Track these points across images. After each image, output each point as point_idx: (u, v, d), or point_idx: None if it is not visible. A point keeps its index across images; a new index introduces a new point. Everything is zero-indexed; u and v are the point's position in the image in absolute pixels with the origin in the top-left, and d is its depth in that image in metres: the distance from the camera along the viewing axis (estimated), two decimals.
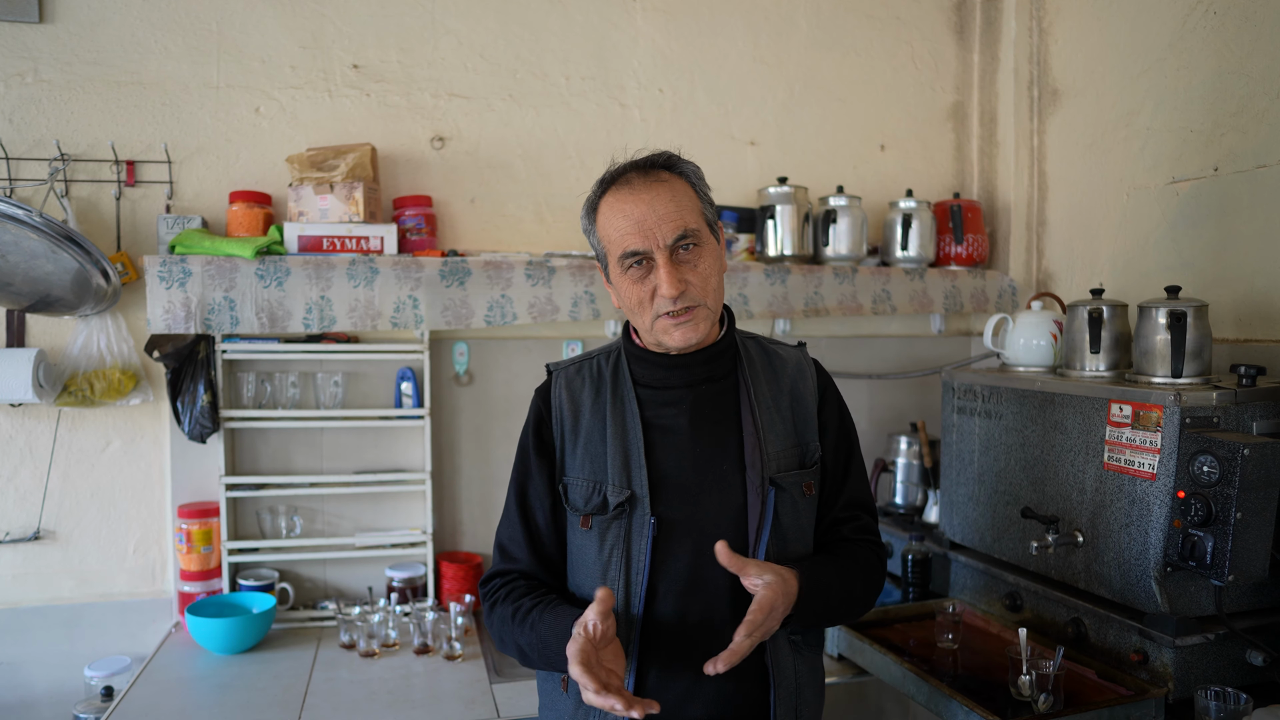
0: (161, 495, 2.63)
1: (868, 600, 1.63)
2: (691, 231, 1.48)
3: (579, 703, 1.55)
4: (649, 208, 1.47)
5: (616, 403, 1.59)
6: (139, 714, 2.05)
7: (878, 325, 3.19)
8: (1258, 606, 1.94)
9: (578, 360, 1.68)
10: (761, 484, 1.53)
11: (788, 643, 1.55)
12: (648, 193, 1.48)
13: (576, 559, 1.59)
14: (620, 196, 1.50)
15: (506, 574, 1.62)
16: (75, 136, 2.54)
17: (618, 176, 1.52)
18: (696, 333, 1.50)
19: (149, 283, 2.41)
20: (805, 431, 1.62)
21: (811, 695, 1.59)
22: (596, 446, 1.57)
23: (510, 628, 1.53)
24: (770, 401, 1.60)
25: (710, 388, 1.58)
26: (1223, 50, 2.36)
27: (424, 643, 2.42)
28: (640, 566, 1.50)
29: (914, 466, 2.95)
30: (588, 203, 1.57)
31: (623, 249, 1.48)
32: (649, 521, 1.51)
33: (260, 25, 2.66)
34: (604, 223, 1.52)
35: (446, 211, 2.82)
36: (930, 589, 2.62)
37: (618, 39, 2.94)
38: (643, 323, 1.53)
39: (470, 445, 2.82)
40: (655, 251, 1.46)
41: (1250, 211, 2.29)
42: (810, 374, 1.66)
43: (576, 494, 1.58)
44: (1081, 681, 1.98)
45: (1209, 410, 1.85)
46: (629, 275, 1.50)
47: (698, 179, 1.56)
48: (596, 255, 1.60)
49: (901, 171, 3.23)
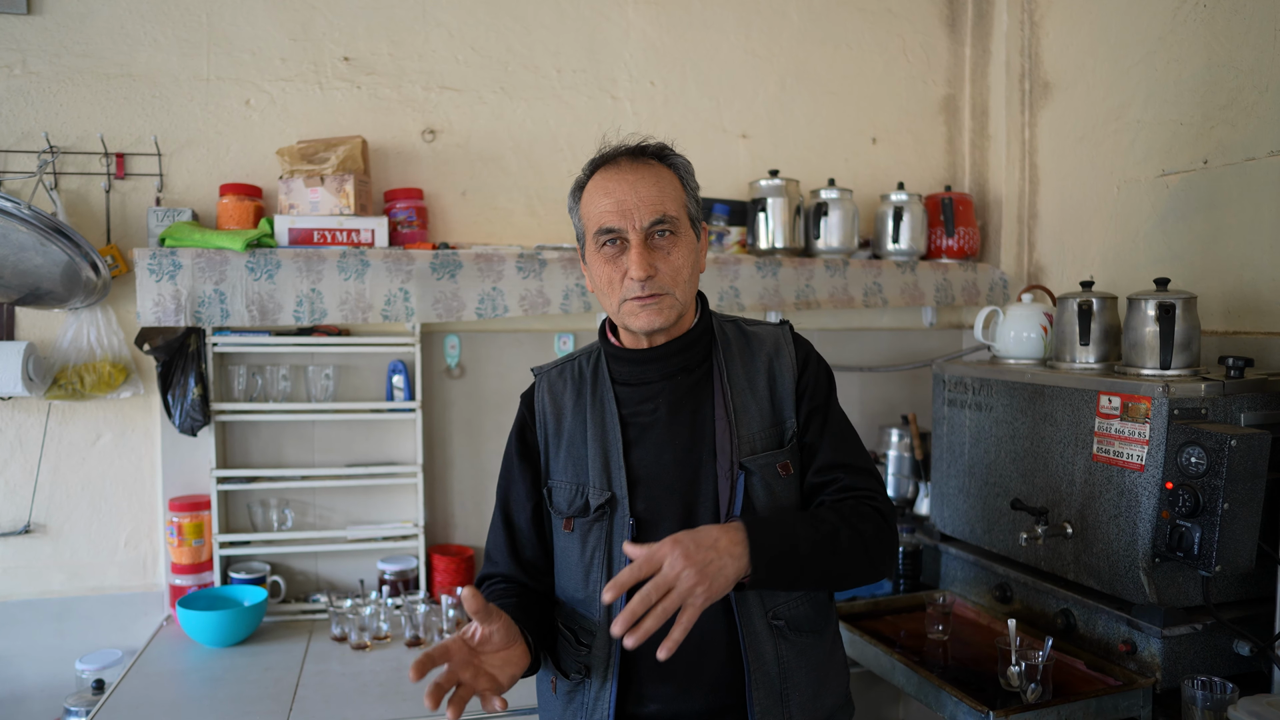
0: (152, 488, 2.63)
1: (865, 548, 1.46)
2: (669, 219, 1.49)
3: (567, 702, 1.56)
4: (631, 189, 1.48)
5: (596, 403, 1.59)
6: (130, 707, 2.05)
7: (869, 318, 3.20)
8: (1245, 597, 1.95)
9: (560, 362, 1.68)
10: (731, 469, 1.52)
11: (768, 627, 1.50)
12: (633, 174, 1.50)
13: (561, 561, 1.60)
14: (607, 176, 1.51)
15: (491, 578, 1.65)
16: (64, 129, 2.53)
17: (608, 159, 1.54)
18: (661, 317, 1.49)
19: (139, 275, 2.40)
20: (783, 410, 1.58)
21: (804, 679, 1.53)
22: (579, 448, 1.58)
23: None
24: (745, 383, 1.58)
25: (686, 378, 1.57)
26: (1212, 43, 2.37)
27: (415, 635, 2.42)
28: (622, 568, 1.49)
29: (905, 459, 2.96)
30: (576, 182, 1.58)
31: (599, 225, 1.49)
32: (628, 523, 1.51)
33: (250, 17, 2.65)
34: (587, 200, 1.54)
35: (438, 204, 2.82)
36: (921, 581, 2.63)
37: (609, 31, 2.94)
38: (611, 304, 1.53)
39: (462, 438, 2.82)
40: (630, 232, 1.47)
41: (1239, 204, 2.30)
42: (789, 350, 1.61)
43: (560, 497, 1.59)
44: (1070, 672, 1.99)
45: (1197, 402, 1.85)
46: (602, 253, 1.51)
47: (687, 173, 1.57)
48: (577, 235, 1.61)
49: (893, 164, 3.24)
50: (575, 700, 1.55)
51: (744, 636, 1.49)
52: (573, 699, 1.55)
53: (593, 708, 1.52)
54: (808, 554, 1.40)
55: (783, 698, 1.51)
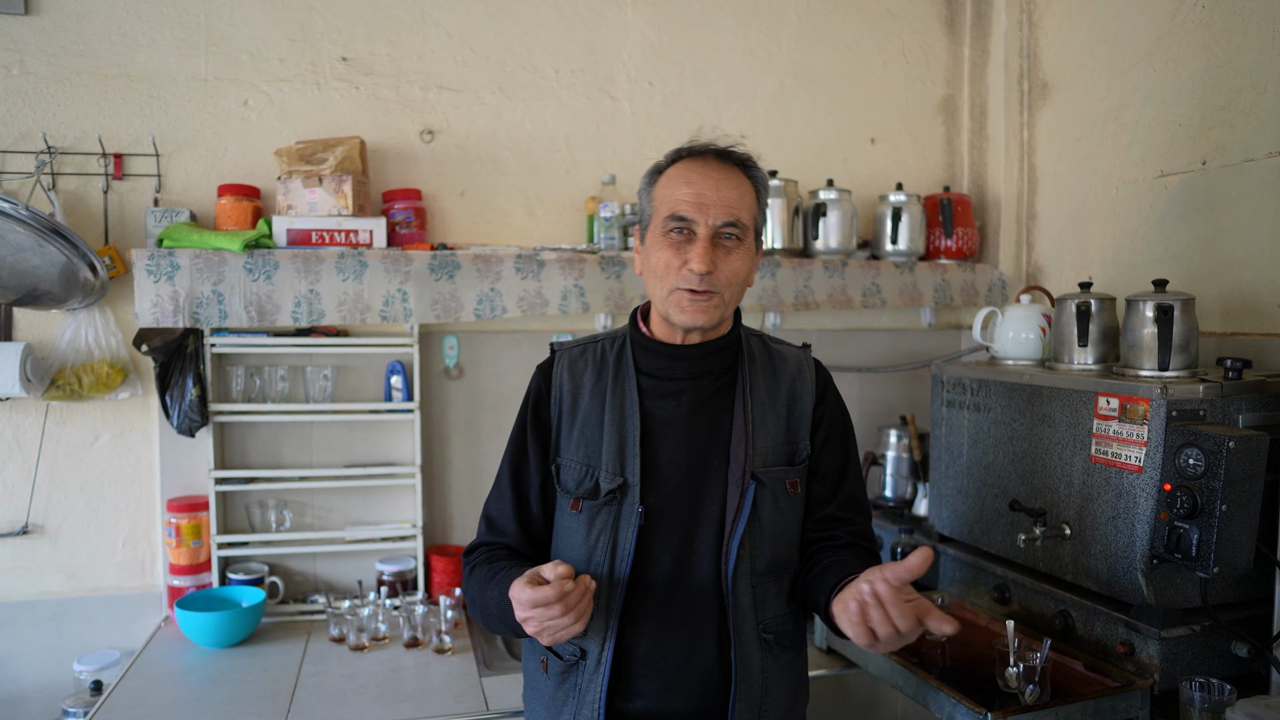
0: (150, 489, 2.63)
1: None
2: (741, 225, 1.51)
3: (560, 682, 1.56)
4: (714, 186, 1.50)
5: (617, 389, 1.59)
6: (128, 708, 2.05)
7: (868, 319, 3.20)
8: (1243, 598, 1.94)
9: (582, 342, 1.68)
10: (743, 476, 1.53)
11: (759, 640, 1.54)
12: (717, 173, 1.52)
13: (562, 540, 1.60)
14: (692, 167, 1.53)
15: (492, 545, 1.62)
16: (62, 129, 2.53)
17: (696, 152, 1.55)
18: (707, 316, 1.51)
19: (137, 276, 2.40)
20: (798, 430, 1.62)
21: (780, 694, 1.57)
22: (593, 431, 1.58)
23: (482, 588, 1.53)
24: (766, 398, 1.60)
25: (711, 382, 1.59)
26: (1210, 44, 2.37)
27: (414, 636, 2.42)
28: (625, 554, 1.51)
29: (903, 460, 2.96)
30: (655, 166, 1.59)
31: (672, 210, 1.50)
32: (637, 510, 1.51)
33: (248, 17, 2.65)
34: (665, 184, 1.54)
35: (436, 205, 2.82)
36: (919, 581, 2.63)
37: (608, 32, 2.94)
38: (660, 290, 1.53)
39: (460, 439, 2.82)
40: (701, 225, 1.49)
41: (1238, 205, 2.30)
42: (810, 374, 1.66)
43: (569, 476, 1.58)
44: (1068, 673, 1.99)
45: (1195, 403, 1.85)
46: (668, 238, 1.51)
47: (763, 187, 1.59)
48: (640, 219, 1.61)
49: (891, 165, 3.24)
50: (568, 681, 1.55)
51: (735, 645, 1.51)
52: (565, 679, 1.55)
53: (585, 689, 1.52)
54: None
55: (760, 711, 1.54)
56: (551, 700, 1.57)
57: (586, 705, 1.51)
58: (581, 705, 1.52)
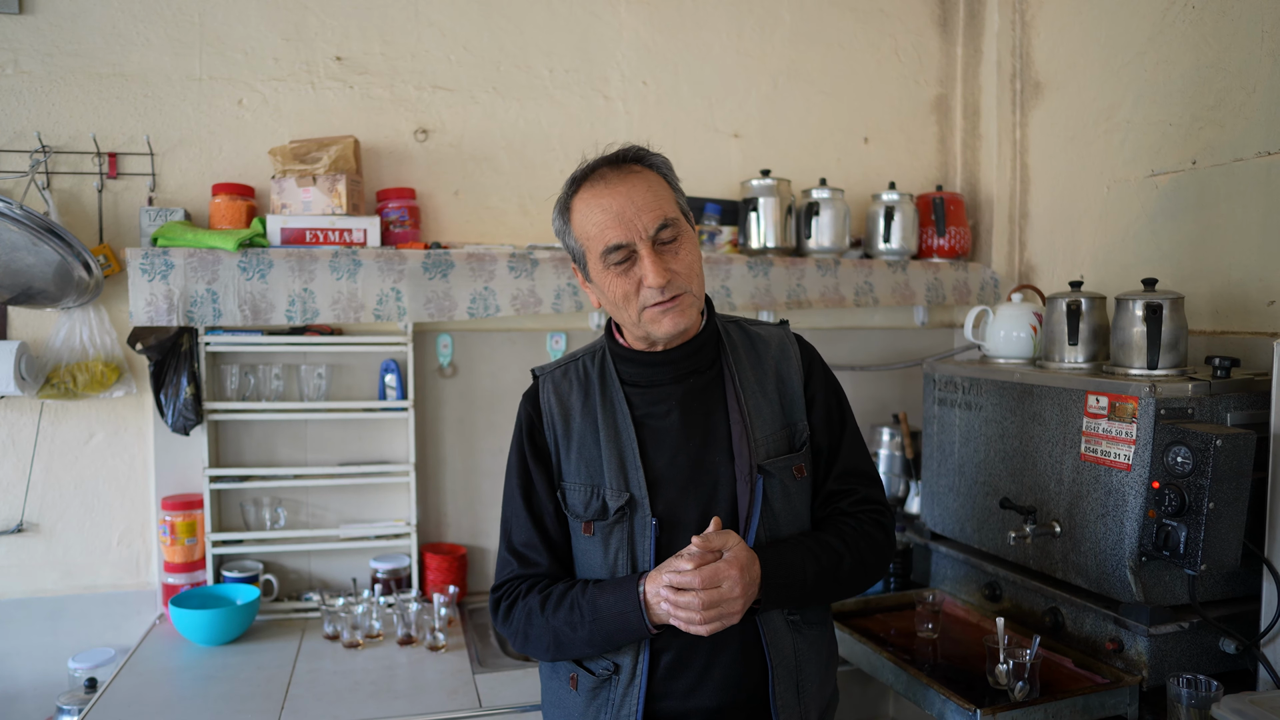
0: (145, 487, 2.63)
1: (864, 573, 1.60)
2: (671, 220, 1.48)
3: (591, 698, 1.56)
4: (627, 199, 1.46)
5: (606, 405, 1.58)
6: (123, 705, 2.06)
7: (860, 317, 3.21)
8: (1230, 595, 1.96)
9: (562, 363, 1.67)
10: (750, 471, 1.53)
11: (786, 623, 1.56)
12: (623, 185, 1.47)
13: (583, 562, 1.60)
14: (595, 191, 1.48)
15: (529, 578, 1.60)
16: (56, 128, 2.53)
17: (590, 173, 1.51)
18: (685, 318, 1.49)
19: (131, 275, 2.40)
20: (793, 412, 1.62)
21: (814, 671, 1.59)
22: (590, 450, 1.57)
23: (543, 615, 1.52)
24: (755, 386, 1.60)
25: (697, 380, 1.58)
26: (1201, 45, 2.38)
27: (408, 634, 2.42)
28: (646, 568, 1.51)
29: (896, 458, 2.97)
30: (559, 203, 1.54)
31: (604, 244, 1.46)
32: (650, 523, 1.51)
33: (243, 17, 2.66)
34: (580, 219, 1.50)
35: (430, 204, 2.82)
36: (911, 579, 2.65)
37: (601, 31, 2.94)
38: (628, 317, 1.51)
39: (454, 437, 2.82)
40: (638, 243, 1.45)
41: (1227, 205, 2.31)
42: (794, 352, 1.66)
43: (575, 499, 1.58)
44: (1058, 670, 2.00)
45: (1184, 401, 1.87)
46: (612, 270, 1.48)
47: (668, 170, 1.55)
48: (573, 256, 1.57)
49: (885, 164, 3.25)
50: (600, 697, 1.55)
51: (765, 634, 1.53)
52: (597, 694, 1.55)
53: (620, 704, 1.52)
54: (812, 586, 1.52)
55: (799, 689, 1.56)
56: (582, 716, 1.57)
57: (623, 718, 1.52)
58: (619, 714, 1.52)
